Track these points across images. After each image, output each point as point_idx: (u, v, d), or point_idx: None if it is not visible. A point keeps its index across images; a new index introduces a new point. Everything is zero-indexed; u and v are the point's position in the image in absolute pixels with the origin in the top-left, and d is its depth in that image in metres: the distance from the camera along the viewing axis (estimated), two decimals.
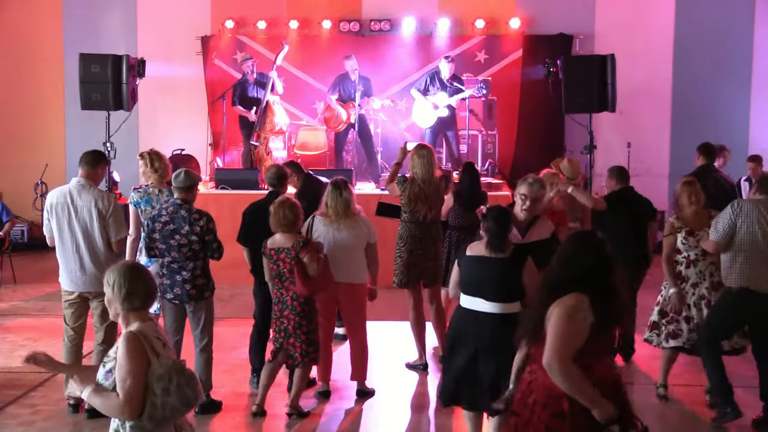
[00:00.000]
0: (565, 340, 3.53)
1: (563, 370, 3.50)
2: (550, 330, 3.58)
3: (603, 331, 3.60)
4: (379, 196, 9.45)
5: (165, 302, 6.18)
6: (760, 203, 5.83)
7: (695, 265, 6.22)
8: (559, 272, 3.71)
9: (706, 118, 12.26)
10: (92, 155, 6.10)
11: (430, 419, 6.26)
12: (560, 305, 3.58)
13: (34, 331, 8.13)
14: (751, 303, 5.78)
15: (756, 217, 5.75)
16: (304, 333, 5.99)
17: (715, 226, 5.87)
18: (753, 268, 5.74)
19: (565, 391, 3.53)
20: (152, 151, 6.96)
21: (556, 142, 12.42)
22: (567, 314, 3.55)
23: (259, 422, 6.07)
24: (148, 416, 3.37)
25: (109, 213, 5.94)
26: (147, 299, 3.51)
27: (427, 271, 7.17)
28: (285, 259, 5.89)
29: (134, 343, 3.37)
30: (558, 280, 3.68)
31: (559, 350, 3.52)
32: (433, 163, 7.15)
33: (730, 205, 5.87)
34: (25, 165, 12.87)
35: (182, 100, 12.91)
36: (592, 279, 3.62)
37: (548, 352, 3.55)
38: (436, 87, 11.14)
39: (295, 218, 5.92)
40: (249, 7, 12.80)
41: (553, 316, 3.59)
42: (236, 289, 8.99)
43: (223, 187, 10.51)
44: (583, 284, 3.61)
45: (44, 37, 13.24)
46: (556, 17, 12.59)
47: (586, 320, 3.54)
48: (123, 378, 3.34)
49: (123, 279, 3.47)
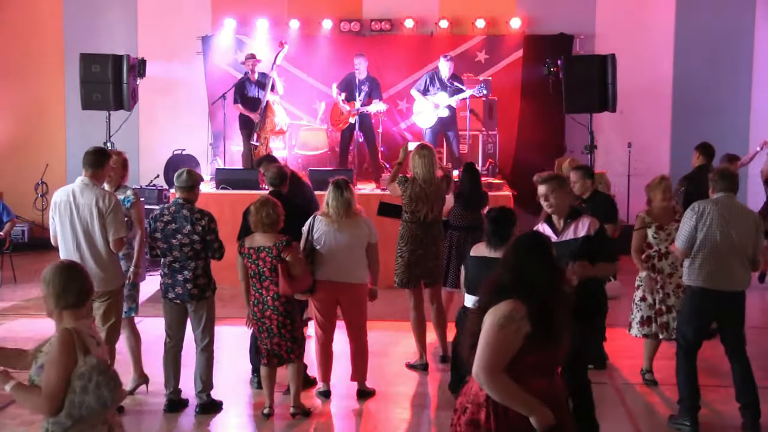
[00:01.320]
0: (494, 350, 3.35)
1: (491, 382, 3.35)
2: (481, 338, 3.40)
3: (541, 342, 3.38)
4: (379, 196, 9.45)
5: (166, 302, 6.19)
6: (718, 202, 5.80)
7: (667, 257, 6.55)
8: (499, 276, 3.51)
9: (707, 118, 12.25)
10: (94, 156, 6.04)
11: (430, 419, 6.27)
12: (493, 313, 3.39)
13: (34, 331, 8.12)
14: (713, 302, 5.79)
15: (715, 217, 5.73)
16: (289, 332, 5.98)
17: (679, 232, 5.88)
18: (712, 268, 5.72)
19: (499, 401, 3.38)
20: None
21: (557, 142, 12.41)
22: (498, 324, 3.36)
23: (259, 422, 6.07)
24: (67, 413, 3.42)
25: (108, 211, 5.93)
26: (81, 297, 3.55)
27: (428, 271, 7.17)
28: (266, 258, 5.87)
29: (67, 340, 3.42)
30: (498, 285, 3.48)
31: (487, 361, 3.35)
32: (434, 163, 7.16)
33: (690, 208, 5.84)
34: (26, 165, 12.87)
35: (182, 100, 12.90)
36: (529, 286, 3.41)
37: (477, 362, 3.38)
38: (436, 87, 11.13)
39: (278, 218, 5.90)
40: (249, 7, 12.78)
41: (485, 324, 3.41)
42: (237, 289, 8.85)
43: (223, 187, 10.51)
44: (521, 291, 3.41)
45: (44, 37, 13.23)
46: (557, 17, 12.58)
47: (520, 330, 3.34)
48: (48, 374, 3.42)
49: (57, 277, 3.53)
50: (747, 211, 5.96)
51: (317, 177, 10.06)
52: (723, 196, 5.83)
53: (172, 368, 6.22)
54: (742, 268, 5.79)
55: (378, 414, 6.34)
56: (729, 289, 5.77)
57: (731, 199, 5.84)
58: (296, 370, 6.09)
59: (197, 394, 6.21)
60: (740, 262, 5.76)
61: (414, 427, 6.13)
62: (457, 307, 7.99)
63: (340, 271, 6.28)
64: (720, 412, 6.21)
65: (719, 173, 5.98)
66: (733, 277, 5.76)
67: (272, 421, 6.07)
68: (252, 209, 5.95)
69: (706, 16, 12.54)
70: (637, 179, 11.95)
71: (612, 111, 10.54)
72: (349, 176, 8.74)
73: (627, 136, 12.12)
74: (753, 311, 7.48)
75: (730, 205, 5.81)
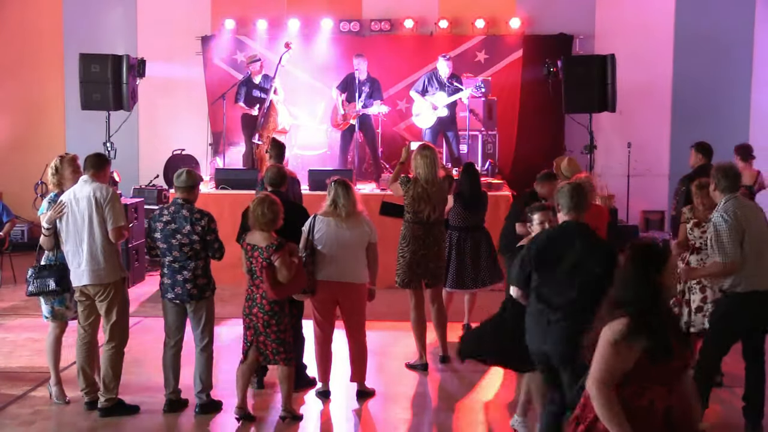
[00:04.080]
0: (606, 366, 3.43)
1: (601, 397, 3.43)
2: (596, 354, 3.48)
3: (659, 355, 3.44)
4: (380, 196, 9.45)
5: (166, 302, 6.19)
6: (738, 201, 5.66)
7: (698, 253, 6.46)
8: (616, 290, 3.57)
9: (706, 118, 12.24)
10: (96, 159, 6.20)
11: (430, 419, 6.27)
12: (608, 329, 3.46)
13: (34, 331, 8.13)
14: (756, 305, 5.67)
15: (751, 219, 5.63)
16: (274, 332, 5.94)
17: (720, 246, 5.49)
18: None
19: (599, 417, 3.46)
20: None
21: (557, 142, 12.40)
22: (612, 339, 3.43)
23: (258, 422, 6.07)
24: None
25: (106, 201, 5.99)
26: None
27: (430, 272, 7.16)
28: (257, 258, 5.87)
29: None
30: (615, 300, 3.54)
31: (599, 376, 3.44)
32: (436, 163, 7.15)
33: (723, 222, 5.50)
34: (25, 165, 12.84)
35: (182, 100, 12.89)
36: (645, 301, 3.47)
37: (590, 377, 3.48)
38: (435, 87, 11.13)
39: (274, 217, 5.87)
40: (249, 7, 12.78)
41: (600, 339, 3.48)
42: (236, 289, 8.90)
43: (223, 187, 10.52)
44: (634, 306, 3.46)
45: (44, 37, 13.23)
46: (557, 17, 12.57)
47: (634, 347, 3.40)
48: None
49: None
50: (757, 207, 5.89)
51: (317, 177, 10.08)
52: (733, 194, 5.63)
53: (171, 368, 6.21)
54: None
55: (378, 414, 6.33)
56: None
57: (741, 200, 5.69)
58: (286, 373, 6.04)
59: (197, 394, 6.21)
60: None
61: (414, 427, 6.12)
62: (457, 307, 8.03)
63: (341, 271, 6.27)
64: (719, 412, 6.20)
65: (723, 172, 5.73)
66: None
67: (272, 421, 6.06)
68: (250, 206, 5.95)
69: (706, 16, 12.53)
70: (636, 179, 11.97)
71: (611, 111, 10.53)
72: (348, 176, 8.74)
73: (626, 136, 12.10)
74: None
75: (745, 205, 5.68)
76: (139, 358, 7.15)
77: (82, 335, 6.19)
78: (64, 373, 6.56)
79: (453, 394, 6.72)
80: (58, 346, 6.37)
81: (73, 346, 6.32)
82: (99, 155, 6.32)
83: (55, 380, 6.39)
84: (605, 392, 3.42)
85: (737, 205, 5.61)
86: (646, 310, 3.45)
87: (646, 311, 3.45)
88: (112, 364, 6.11)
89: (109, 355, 6.11)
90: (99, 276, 6.02)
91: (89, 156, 6.23)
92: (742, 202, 5.71)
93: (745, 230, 5.51)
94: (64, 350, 6.45)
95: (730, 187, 5.68)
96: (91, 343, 6.24)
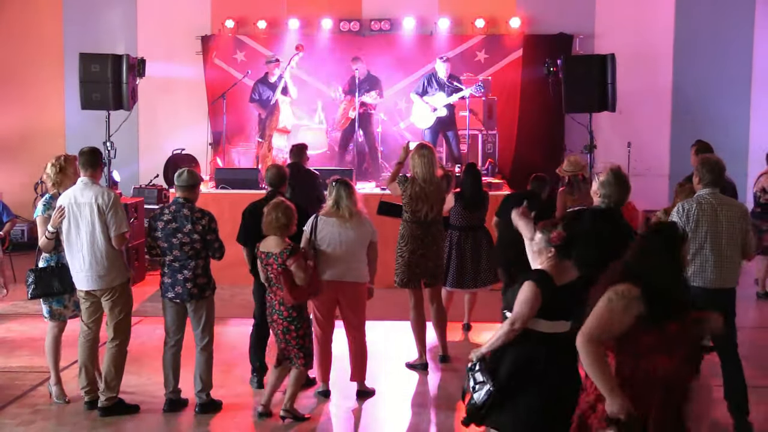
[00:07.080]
0: (598, 320, 3.61)
1: (585, 347, 3.60)
2: (592, 312, 3.67)
3: (656, 325, 3.58)
4: (379, 195, 9.45)
5: (166, 301, 6.19)
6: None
7: None
8: (627, 257, 3.75)
9: (706, 118, 12.25)
10: (91, 155, 6.12)
11: (430, 419, 6.27)
12: (609, 290, 3.65)
13: (34, 331, 8.13)
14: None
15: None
16: (294, 338, 5.96)
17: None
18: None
19: (585, 370, 3.63)
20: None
21: (557, 141, 12.41)
22: (609, 298, 3.62)
23: (258, 422, 6.07)
24: None
25: (108, 207, 5.96)
26: None
27: (429, 271, 7.16)
28: (272, 264, 5.86)
29: None
30: (623, 266, 3.72)
31: (589, 329, 3.62)
32: (434, 162, 7.15)
33: (676, 215, 5.59)
34: (26, 165, 12.85)
35: (182, 100, 12.90)
36: (649, 272, 3.64)
37: (581, 332, 3.65)
38: (434, 88, 11.14)
39: (288, 222, 5.87)
40: (249, 7, 12.79)
41: (601, 300, 3.66)
42: (236, 289, 8.99)
43: (223, 187, 10.52)
44: (640, 274, 3.63)
45: (44, 36, 13.23)
46: (556, 17, 12.58)
47: (629, 309, 3.57)
48: None
49: None
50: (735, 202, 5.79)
51: None
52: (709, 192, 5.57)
53: (171, 368, 6.21)
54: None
55: (378, 414, 6.33)
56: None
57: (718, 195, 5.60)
58: (298, 375, 6.08)
59: (197, 393, 6.21)
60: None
61: (414, 427, 6.12)
62: (456, 307, 8.03)
63: (343, 271, 6.27)
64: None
65: (709, 166, 5.63)
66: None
67: (272, 421, 6.07)
68: (264, 211, 5.95)
69: (706, 17, 12.55)
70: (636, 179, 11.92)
71: (611, 111, 10.53)
72: (348, 176, 8.74)
73: (626, 135, 12.10)
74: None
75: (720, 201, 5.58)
76: (139, 357, 7.14)
77: (85, 332, 6.19)
78: (63, 372, 6.56)
79: (453, 394, 6.70)
80: (58, 345, 6.37)
81: (73, 346, 6.33)
82: (94, 151, 6.18)
83: (55, 380, 6.39)
84: (592, 345, 3.60)
85: (703, 201, 5.54)
86: (650, 279, 3.60)
87: (651, 280, 3.60)
88: (115, 362, 6.11)
89: (113, 353, 6.11)
90: (106, 281, 6.02)
91: (84, 152, 6.11)
92: (712, 199, 5.56)
93: (696, 228, 5.47)
94: (64, 350, 6.45)
95: (713, 182, 5.60)
96: (95, 341, 6.25)
